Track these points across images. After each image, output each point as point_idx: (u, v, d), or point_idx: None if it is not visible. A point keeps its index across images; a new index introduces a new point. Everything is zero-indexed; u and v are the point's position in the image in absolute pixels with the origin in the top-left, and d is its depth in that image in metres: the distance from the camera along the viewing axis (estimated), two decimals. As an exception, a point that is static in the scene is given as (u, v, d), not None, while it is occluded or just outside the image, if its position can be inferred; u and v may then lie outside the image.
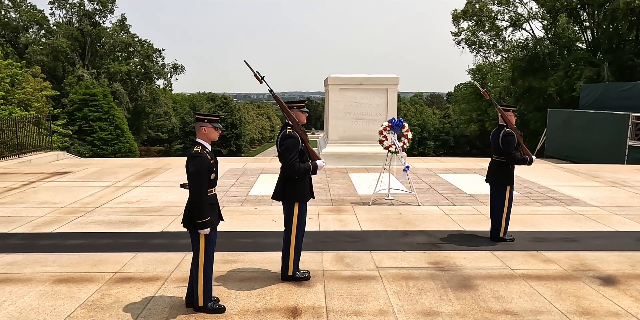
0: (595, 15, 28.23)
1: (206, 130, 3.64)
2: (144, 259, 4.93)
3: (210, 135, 3.66)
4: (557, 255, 5.11)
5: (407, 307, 3.83)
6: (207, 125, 3.64)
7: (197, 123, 3.66)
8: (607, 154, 15.14)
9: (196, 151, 3.57)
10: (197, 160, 3.54)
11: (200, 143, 3.64)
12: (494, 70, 40.57)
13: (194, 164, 3.54)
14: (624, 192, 8.65)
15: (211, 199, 3.70)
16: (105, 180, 9.60)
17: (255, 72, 4.12)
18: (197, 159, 3.55)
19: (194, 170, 3.55)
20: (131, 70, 44.33)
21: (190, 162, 3.56)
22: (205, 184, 3.61)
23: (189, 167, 3.57)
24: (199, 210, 3.57)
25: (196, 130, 3.68)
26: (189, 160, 3.57)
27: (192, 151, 3.59)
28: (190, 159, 3.57)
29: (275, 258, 4.96)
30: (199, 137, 3.67)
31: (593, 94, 18.70)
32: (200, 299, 3.68)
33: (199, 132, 3.66)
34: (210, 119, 3.65)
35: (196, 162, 3.54)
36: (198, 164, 3.54)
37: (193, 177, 3.56)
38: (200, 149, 3.59)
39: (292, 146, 4.11)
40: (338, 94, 12.28)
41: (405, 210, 7.16)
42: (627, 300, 3.99)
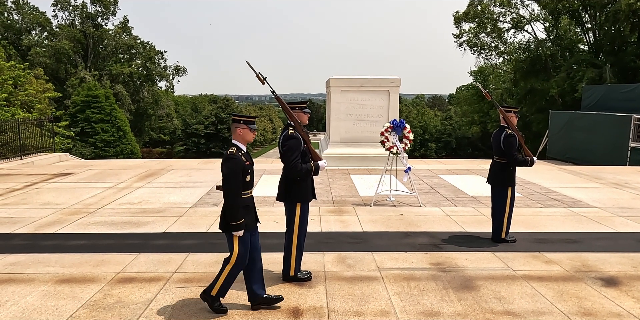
0: (597, 16, 28.22)
1: (242, 132, 3.63)
2: (146, 260, 4.94)
3: (246, 137, 3.64)
4: (559, 256, 5.11)
5: (408, 308, 3.83)
6: (243, 127, 3.63)
7: (233, 124, 3.65)
8: (609, 155, 15.12)
9: (230, 153, 3.54)
10: (231, 162, 3.51)
11: (235, 144, 3.62)
12: (496, 72, 40.55)
13: (228, 166, 3.52)
14: (626, 193, 8.63)
15: (246, 201, 3.66)
16: (107, 181, 9.63)
17: (258, 73, 4.13)
18: (231, 161, 3.52)
19: (227, 172, 3.52)
20: (133, 72, 44.46)
21: (224, 164, 3.54)
22: (239, 186, 3.56)
23: (223, 168, 3.54)
24: (232, 212, 3.55)
25: (232, 132, 3.68)
26: (224, 162, 3.56)
27: (226, 153, 3.57)
28: (224, 161, 3.55)
29: (277, 259, 4.96)
30: (235, 139, 3.65)
31: (595, 95, 18.68)
32: (215, 289, 3.68)
33: (234, 134, 3.65)
34: (246, 121, 3.64)
35: (230, 163, 3.51)
36: (232, 166, 3.51)
37: (227, 178, 3.53)
38: (235, 150, 3.56)
39: (294, 147, 4.12)
40: (340, 96, 12.29)
41: (407, 211, 7.16)
42: (629, 302, 3.98)
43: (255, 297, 3.78)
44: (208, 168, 11.63)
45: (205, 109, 62.65)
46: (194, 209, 7.22)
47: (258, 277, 3.81)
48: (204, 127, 59.50)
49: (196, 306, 3.86)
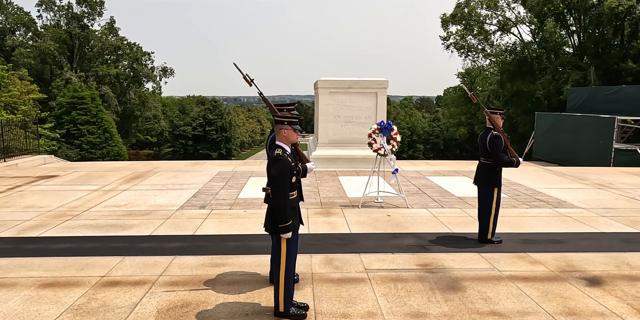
0: (581, 20, 28.67)
1: (286, 133, 3.61)
2: (132, 263, 4.89)
3: (290, 138, 3.63)
4: (544, 256, 5.16)
5: (395, 309, 3.84)
6: (287, 128, 3.61)
7: (277, 125, 3.63)
8: (593, 156, 15.34)
9: (278, 154, 3.51)
10: (279, 164, 3.49)
11: (280, 146, 3.60)
12: (483, 74, 40.96)
13: (276, 168, 3.49)
14: (610, 194, 8.76)
15: (293, 203, 3.65)
16: (92, 184, 9.52)
17: (245, 74, 4.12)
18: (279, 162, 3.49)
19: (276, 174, 3.48)
20: (120, 73, 44.08)
21: (272, 166, 3.51)
22: (288, 187, 3.55)
23: (270, 170, 3.51)
24: (282, 214, 3.51)
25: (275, 133, 3.66)
26: (271, 164, 3.53)
27: (273, 154, 3.54)
28: (272, 162, 3.52)
29: (265, 261, 4.95)
30: (279, 140, 3.63)
31: (580, 97, 18.98)
32: (281, 304, 3.62)
33: (278, 135, 3.63)
34: (291, 121, 3.62)
35: (279, 165, 3.49)
36: (280, 167, 3.49)
37: (276, 180, 3.50)
38: (281, 151, 3.55)
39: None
40: (328, 97, 12.30)
41: (395, 212, 7.19)
42: (612, 301, 4.04)
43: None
44: (195, 170, 11.55)
45: (193, 110, 62.28)
46: (181, 212, 7.16)
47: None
48: (192, 128, 59.14)
49: (182, 309, 3.82)
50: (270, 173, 3.51)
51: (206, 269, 4.72)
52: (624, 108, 15.95)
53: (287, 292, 3.64)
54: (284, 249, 3.61)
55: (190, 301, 3.98)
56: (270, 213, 3.62)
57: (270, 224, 3.61)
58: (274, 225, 3.57)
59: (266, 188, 3.63)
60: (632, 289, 4.30)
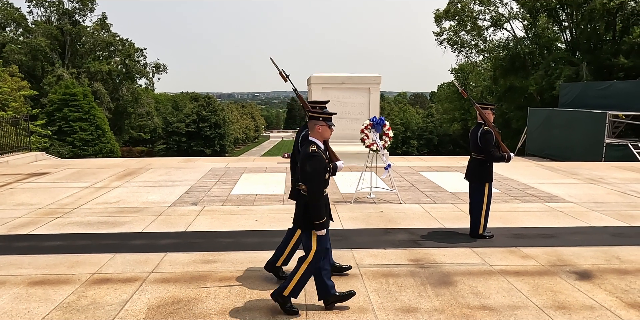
0: (573, 15, 28.75)
1: (321, 129, 3.60)
2: (123, 260, 4.86)
3: (324, 134, 3.63)
4: (535, 251, 5.18)
5: (386, 304, 3.85)
6: (321, 124, 3.60)
7: (312, 121, 3.62)
8: (585, 151, 15.44)
9: (313, 150, 3.50)
10: (314, 160, 3.47)
11: (314, 142, 3.58)
12: (476, 69, 41.00)
13: (312, 164, 3.47)
14: (601, 188, 8.81)
15: (325, 200, 3.64)
16: (84, 181, 9.45)
17: (281, 70, 4.14)
18: (314, 159, 3.48)
19: (311, 170, 3.46)
20: (112, 69, 43.77)
21: (307, 162, 3.48)
22: (322, 184, 3.53)
23: (305, 166, 3.48)
24: (316, 211, 3.49)
25: (309, 129, 3.65)
26: (306, 160, 3.49)
27: (308, 150, 3.51)
28: (307, 159, 3.49)
29: (257, 258, 4.95)
30: (313, 136, 3.61)
31: (572, 92, 19.06)
32: (288, 289, 3.61)
33: (312, 131, 3.62)
34: (325, 117, 3.62)
35: (314, 161, 3.47)
36: (316, 164, 3.47)
37: (311, 176, 3.47)
38: (316, 148, 3.53)
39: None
40: (321, 93, 12.26)
41: (387, 208, 7.19)
42: (602, 294, 4.06)
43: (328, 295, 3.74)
44: (188, 167, 11.51)
45: (187, 107, 62.05)
46: (173, 208, 7.13)
47: (329, 275, 3.79)
48: (185, 125, 58.95)
49: (173, 306, 3.81)
50: (305, 169, 3.48)
51: (197, 266, 4.70)
52: (616, 103, 16.03)
53: (299, 284, 3.62)
54: (314, 244, 3.60)
55: (181, 298, 3.97)
56: (303, 209, 3.59)
57: (304, 220, 3.58)
58: (308, 222, 3.55)
59: (300, 184, 3.61)
60: (621, 282, 4.33)
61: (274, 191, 8.39)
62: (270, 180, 9.43)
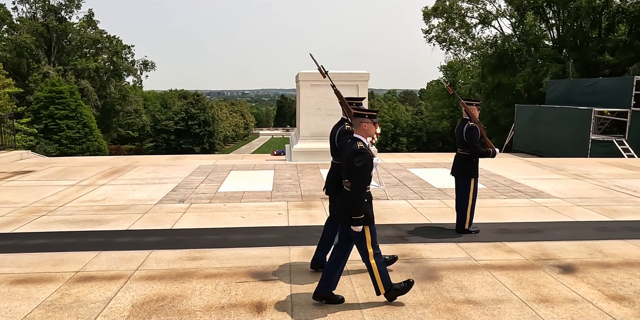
0: (560, 13, 29.01)
1: (367, 126, 3.68)
2: (107, 258, 4.82)
3: (370, 131, 3.70)
4: (520, 245, 5.23)
5: (372, 299, 3.86)
6: (367, 121, 3.67)
7: (357, 119, 3.69)
8: (572, 147, 15.61)
9: (361, 147, 3.59)
10: (363, 156, 3.55)
11: (359, 139, 3.66)
12: (465, 67, 41.24)
13: (360, 160, 3.54)
14: (586, 184, 8.92)
15: (368, 196, 3.70)
16: (70, 179, 9.35)
17: (320, 66, 4.17)
18: (363, 155, 3.55)
19: (360, 166, 3.53)
20: (99, 66, 43.32)
21: (355, 158, 3.55)
22: (368, 180, 3.61)
23: (354, 162, 3.55)
24: (359, 206, 3.56)
25: (354, 126, 3.72)
26: (354, 156, 3.56)
27: (356, 147, 3.58)
28: (355, 155, 3.56)
29: (243, 254, 4.94)
30: (358, 133, 3.69)
31: (559, 89, 19.24)
32: (381, 288, 3.73)
33: (358, 128, 3.69)
34: (371, 115, 3.69)
35: (362, 158, 3.55)
36: (364, 160, 3.54)
37: (359, 172, 3.54)
38: (363, 145, 3.62)
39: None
40: (309, 90, 12.26)
41: (375, 204, 7.11)
42: (584, 287, 4.12)
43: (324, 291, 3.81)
44: (176, 164, 11.43)
45: (175, 104, 61.63)
46: (160, 206, 7.08)
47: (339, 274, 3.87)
48: (174, 123, 58.57)
49: (157, 303, 3.79)
50: (354, 166, 3.55)
51: (183, 263, 4.68)
52: (601, 100, 16.21)
53: (382, 273, 3.72)
54: (368, 237, 3.68)
55: (166, 295, 3.94)
56: (349, 204, 3.63)
57: (346, 215, 3.65)
58: (349, 217, 3.62)
59: (346, 181, 3.65)
60: (603, 275, 4.39)
61: (262, 188, 8.37)
62: (259, 178, 9.41)
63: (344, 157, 3.68)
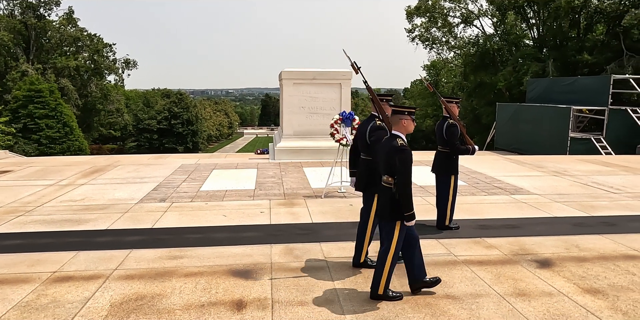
0: (540, 13, 29.43)
1: (406, 123, 3.73)
2: (86, 258, 4.75)
3: (409, 128, 3.75)
4: (499, 241, 5.31)
5: (352, 296, 3.88)
6: (406, 118, 3.72)
7: (396, 116, 3.74)
8: (551, 145, 15.86)
9: (402, 144, 3.63)
10: (405, 153, 3.59)
11: (399, 135, 3.70)
12: (447, 66, 41.60)
13: (403, 157, 3.58)
14: (564, 180, 9.08)
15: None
16: (49, 178, 9.19)
17: (353, 62, 4.22)
18: (405, 152, 3.60)
19: (402, 163, 3.57)
20: (80, 65, 42.55)
21: (397, 155, 3.58)
22: (411, 175, 3.64)
23: (395, 159, 3.58)
24: (407, 202, 3.59)
25: (393, 123, 3.76)
26: (395, 153, 3.59)
27: (396, 144, 3.62)
28: (397, 152, 3.59)
29: (225, 253, 4.92)
30: (397, 130, 3.73)
31: (539, 88, 19.53)
32: (381, 287, 3.74)
33: (397, 125, 3.73)
34: (410, 112, 3.75)
35: (405, 155, 3.59)
36: (406, 157, 3.59)
37: (403, 170, 3.57)
38: (403, 141, 3.66)
39: (382, 137, 4.18)
40: (292, 89, 12.24)
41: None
42: (560, 281, 4.20)
43: (416, 281, 3.88)
44: (158, 163, 11.32)
45: (158, 103, 60.96)
46: (140, 205, 7.01)
47: (419, 262, 3.91)
48: (157, 122, 57.94)
49: (136, 303, 3.75)
50: (396, 162, 3.58)
51: (163, 262, 4.64)
52: (580, 98, 16.50)
53: (389, 275, 3.75)
54: (396, 234, 3.70)
55: (145, 294, 3.91)
56: (390, 201, 3.66)
57: (391, 211, 3.66)
58: (396, 213, 3.63)
59: (387, 177, 3.67)
60: (579, 269, 4.48)
61: (244, 187, 8.34)
62: (241, 176, 9.37)
63: (383, 153, 3.72)
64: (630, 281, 4.21)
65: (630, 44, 23.00)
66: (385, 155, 3.67)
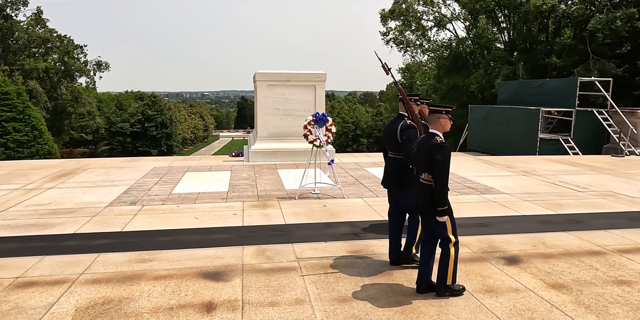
0: (511, 17, 30.09)
1: (444, 122, 3.81)
2: (51, 262, 4.63)
3: (446, 126, 3.83)
4: (469, 239, 5.39)
5: (323, 295, 3.88)
6: (444, 117, 3.80)
7: (434, 115, 3.82)
8: (522, 146, 16.21)
9: (441, 141, 3.73)
10: (445, 150, 3.70)
11: (437, 133, 3.79)
12: (422, 69, 42.12)
13: (442, 153, 3.68)
14: (533, 180, 9.29)
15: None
16: (14, 182, 8.93)
17: (384, 63, 4.31)
18: (445, 149, 3.70)
19: (442, 159, 3.67)
20: (49, 67, 41.49)
21: (437, 152, 3.68)
22: (449, 172, 3.76)
23: (435, 156, 3.67)
24: (443, 198, 3.71)
25: (431, 122, 3.85)
26: (435, 150, 3.68)
27: (436, 142, 3.72)
28: (436, 149, 3.69)
29: (196, 255, 4.86)
30: (435, 128, 3.81)
31: (509, 90, 19.95)
32: (449, 278, 3.83)
33: (435, 123, 3.82)
34: (447, 111, 3.83)
35: (444, 151, 3.69)
36: (446, 153, 3.69)
37: (442, 166, 3.68)
38: (442, 139, 3.75)
39: (414, 136, 4.27)
40: (266, 90, 12.21)
41: (331, 203, 7.26)
42: (527, 277, 4.29)
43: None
44: (129, 166, 11.12)
45: (131, 106, 59.95)
46: (110, 208, 6.86)
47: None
48: (130, 125, 56.92)
49: (102, 307, 3.67)
50: (436, 159, 3.67)
51: (132, 265, 4.55)
52: (549, 100, 16.92)
53: (455, 267, 3.84)
54: (449, 225, 3.82)
55: (112, 298, 3.83)
56: (431, 198, 3.74)
57: (432, 208, 3.75)
58: (433, 208, 3.73)
59: (427, 175, 3.75)
60: (545, 265, 4.59)
61: (217, 189, 8.26)
62: (215, 178, 9.28)
63: (422, 151, 3.79)
64: (594, 276, 4.33)
65: (596, 47, 23.70)
66: (425, 153, 3.76)
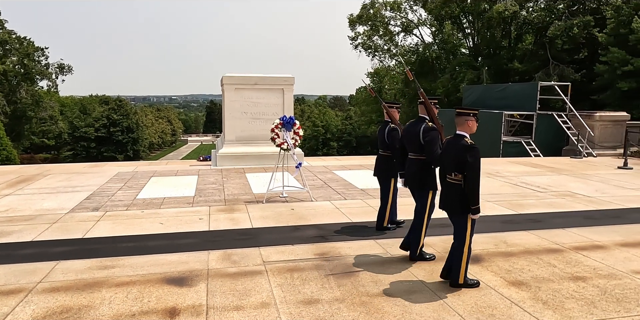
0: (475, 23, 30.92)
1: (471, 124, 3.97)
2: (6, 271, 4.46)
3: (473, 128, 3.99)
4: (434, 239, 5.49)
5: (289, 298, 3.88)
6: (472, 119, 3.97)
7: (462, 117, 3.99)
8: (487, 148, 16.59)
9: (471, 143, 3.89)
10: (476, 151, 3.85)
11: (465, 135, 3.95)
12: (390, 73, 42.70)
13: (474, 154, 3.83)
14: (496, 181, 9.54)
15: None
16: (-32, 189, 8.55)
17: (408, 68, 4.72)
18: (475, 150, 3.85)
19: (474, 160, 3.82)
20: (8, 69, 40.02)
21: (468, 153, 3.83)
22: (480, 172, 3.86)
23: (467, 157, 3.82)
24: (475, 196, 3.85)
25: (458, 124, 4.01)
26: (465, 151, 3.84)
27: (465, 143, 3.88)
28: (467, 150, 3.85)
29: (160, 260, 4.77)
30: (462, 130, 3.97)
31: (474, 94, 20.44)
32: (461, 277, 4.02)
33: (462, 126, 3.98)
34: (474, 113, 4.00)
35: (475, 152, 3.85)
36: (477, 154, 3.85)
37: (474, 166, 3.82)
38: (471, 140, 3.90)
39: (437, 137, 4.52)
40: (234, 94, 12.12)
41: (299, 206, 7.26)
42: (488, 275, 4.40)
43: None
44: (93, 172, 10.82)
45: (96, 110, 58.43)
46: (71, 215, 6.67)
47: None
48: (95, 130, 55.50)
49: (61, 316, 3.56)
50: (467, 160, 3.82)
51: (93, 272, 4.43)
52: (512, 104, 17.42)
53: (467, 265, 4.02)
54: (469, 226, 3.99)
55: (71, 306, 3.71)
56: (460, 197, 3.90)
57: (461, 206, 3.92)
58: (466, 207, 3.89)
59: (455, 175, 3.91)
60: (506, 264, 4.72)
61: (183, 194, 8.14)
62: (181, 183, 9.14)
63: (451, 152, 3.96)
64: (551, 273, 4.48)
65: (555, 53, 24.60)
66: (455, 154, 3.92)
